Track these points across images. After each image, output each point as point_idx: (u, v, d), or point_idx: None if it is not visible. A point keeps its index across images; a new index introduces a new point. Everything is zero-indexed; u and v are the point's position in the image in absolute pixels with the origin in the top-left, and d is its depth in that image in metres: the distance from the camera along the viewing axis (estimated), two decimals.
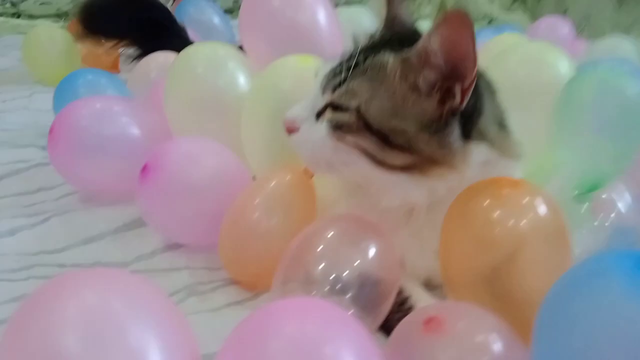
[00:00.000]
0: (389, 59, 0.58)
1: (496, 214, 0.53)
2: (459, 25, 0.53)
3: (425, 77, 0.56)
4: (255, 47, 0.82)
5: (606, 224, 0.63)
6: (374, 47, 0.62)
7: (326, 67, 0.62)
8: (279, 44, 0.80)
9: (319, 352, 0.38)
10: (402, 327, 0.48)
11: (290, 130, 0.60)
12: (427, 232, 0.61)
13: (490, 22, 2.12)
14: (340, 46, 0.84)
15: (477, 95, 0.58)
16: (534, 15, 2.18)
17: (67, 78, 0.99)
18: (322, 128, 0.58)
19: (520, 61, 0.79)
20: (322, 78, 0.61)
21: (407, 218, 0.62)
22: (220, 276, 0.66)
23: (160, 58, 1.06)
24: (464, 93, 0.56)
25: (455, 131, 0.57)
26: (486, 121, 0.60)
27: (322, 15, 0.81)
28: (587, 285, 0.41)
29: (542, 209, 0.53)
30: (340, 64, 0.61)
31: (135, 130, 0.80)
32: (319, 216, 0.66)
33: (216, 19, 1.55)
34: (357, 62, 0.59)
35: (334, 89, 0.59)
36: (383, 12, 0.67)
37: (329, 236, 0.56)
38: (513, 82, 0.75)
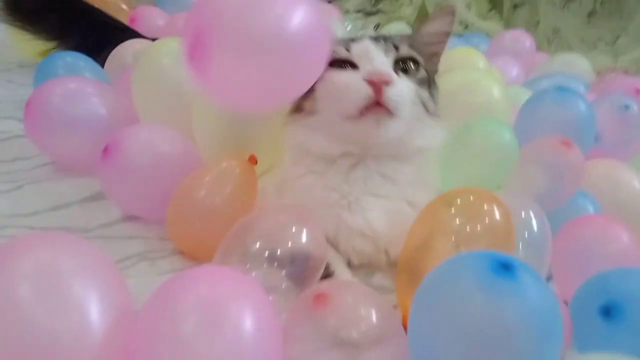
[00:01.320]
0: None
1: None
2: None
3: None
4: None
5: None
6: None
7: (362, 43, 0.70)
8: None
9: (223, 309, 0.48)
10: (298, 300, 0.57)
11: (383, 82, 0.65)
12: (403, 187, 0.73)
13: (466, 27, 2.21)
14: None
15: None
16: (509, 24, 2.28)
17: (48, 58, 1.07)
18: (408, 82, 0.69)
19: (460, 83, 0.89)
20: (370, 45, 0.70)
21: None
22: (169, 246, 0.76)
23: (137, 45, 1.14)
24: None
25: None
26: None
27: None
28: (447, 281, 0.50)
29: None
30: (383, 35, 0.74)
31: (103, 111, 0.89)
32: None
33: None
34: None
35: (396, 49, 0.70)
36: None
37: (267, 220, 0.66)
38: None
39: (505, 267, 0.48)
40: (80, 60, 1.07)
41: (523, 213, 0.75)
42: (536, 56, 1.70)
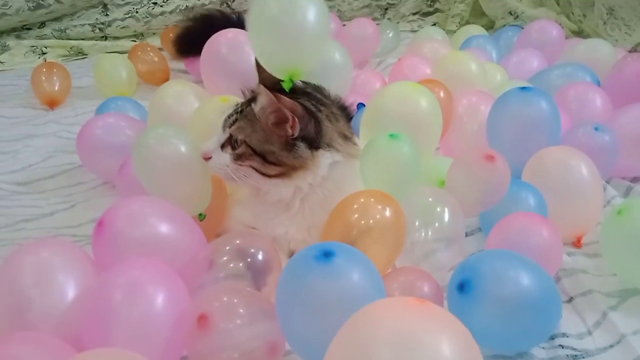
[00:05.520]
0: (255, 108, 0.88)
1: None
2: (269, 96, 0.82)
3: (270, 120, 0.85)
4: (210, 81, 1.14)
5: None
6: (251, 99, 0.91)
7: (226, 112, 0.92)
8: (225, 79, 1.11)
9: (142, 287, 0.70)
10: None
11: (206, 158, 0.90)
12: (301, 215, 0.91)
13: (516, 17, 2.22)
14: None
15: (317, 123, 0.88)
16: (565, 8, 2.24)
17: (105, 102, 1.37)
18: (226, 156, 0.89)
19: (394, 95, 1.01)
20: (223, 120, 0.91)
21: (286, 207, 0.91)
22: None
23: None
24: (292, 128, 0.84)
25: (302, 147, 0.86)
26: (330, 137, 0.89)
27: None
28: (294, 264, 0.67)
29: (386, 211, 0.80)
30: (234, 111, 0.91)
31: (130, 138, 1.15)
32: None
33: None
34: (242, 110, 0.90)
35: (230, 127, 0.89)
36: (257, 76, 0.96)
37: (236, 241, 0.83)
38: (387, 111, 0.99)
39: (326, 255, 0.63)
40: (127, 103, 1.37)
41: (438, 208, 0.87)
42: (565, 44, 1.70)
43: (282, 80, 0.91)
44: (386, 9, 2.56)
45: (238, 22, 1.67)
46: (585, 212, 0.99)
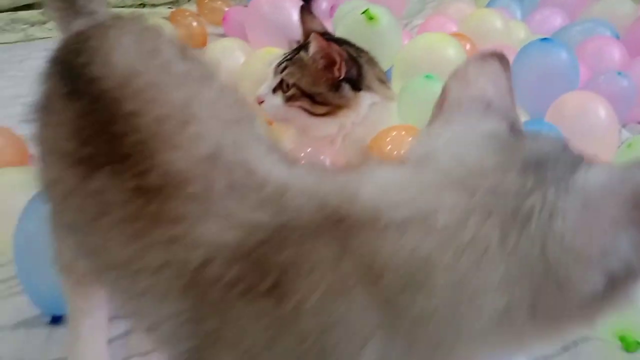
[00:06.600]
0: (304, 55, 0.99)
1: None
2: (322, 42, 0.93)
3: (320, 64, 0.96)
4: (254, 36, 1.25)
5: None
6: (299, 47, 1.02)
7: (275, 61, 1.03)
8: (268, 36, 1.22)
9: None
10: None
11: (260, 102, 1.01)
12: (342, 150, 1.02)
13: None
14: None
15: (359, 67, 0.99)
16: None
17: None
18: (278, 98, 1.00)
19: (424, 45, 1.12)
20: (274, 67, 1.02)
21: (330, 143, 1.02)
22: None
23: None
24: (339, 70, 0.95)
25: (346, 88, 0.97)
26: (369, 80, 1.00)
27: (295, 16, 1.20)
28: None
29: None
30: (283, 59, 1.02)
31: None
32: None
33: None
34: (291, 57, 1.01)
35: (282, 72, 1.00)
36: (301, 28, 1.07)
37: None
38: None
39: None
40: None
41: None
42: (587, 0, 1.76)
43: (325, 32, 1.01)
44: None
45: None
46: (601, 153, 1.08)
